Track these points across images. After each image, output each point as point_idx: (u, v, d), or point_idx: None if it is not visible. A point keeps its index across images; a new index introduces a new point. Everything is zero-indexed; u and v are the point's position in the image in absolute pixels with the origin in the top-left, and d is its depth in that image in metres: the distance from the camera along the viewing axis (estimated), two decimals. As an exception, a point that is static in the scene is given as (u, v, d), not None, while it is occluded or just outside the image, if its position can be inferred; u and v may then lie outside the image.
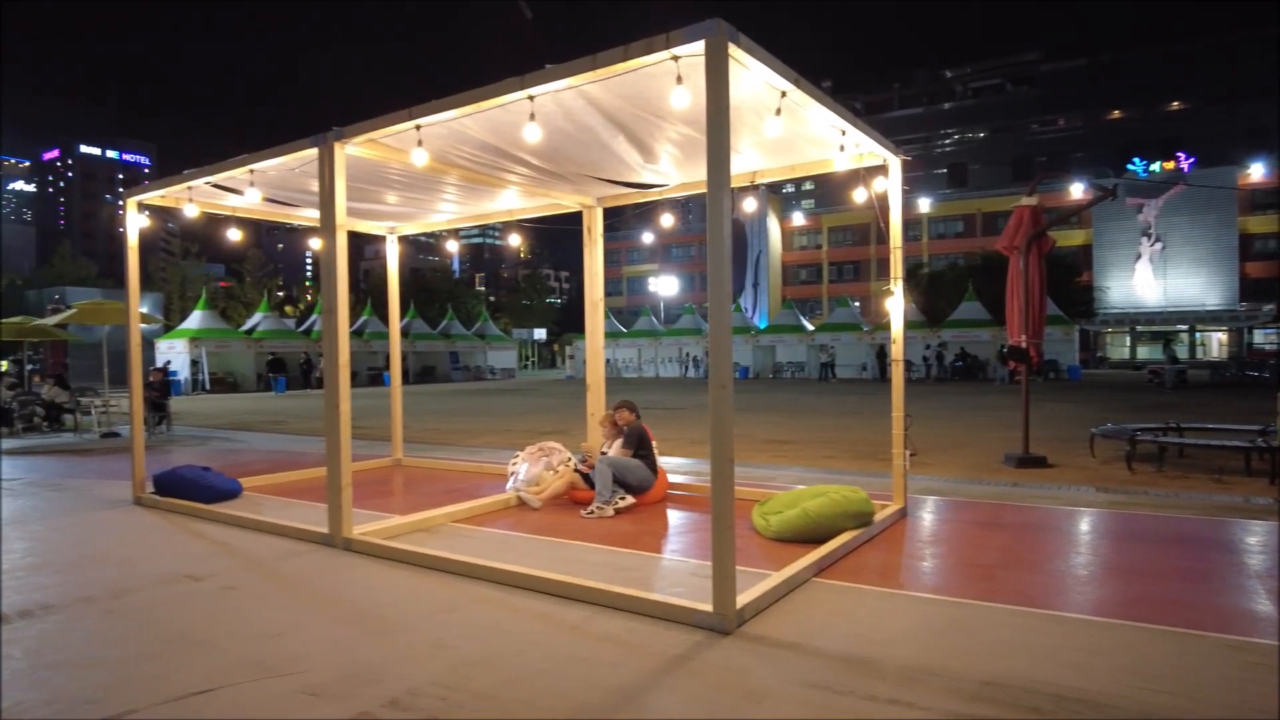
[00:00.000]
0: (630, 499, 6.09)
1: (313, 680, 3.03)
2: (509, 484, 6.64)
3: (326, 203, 5.19)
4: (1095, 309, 48.75)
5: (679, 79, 3.79)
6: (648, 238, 69.57)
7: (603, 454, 6.48)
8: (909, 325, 35.00)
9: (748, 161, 5.96)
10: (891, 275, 5.54)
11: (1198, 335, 50.99)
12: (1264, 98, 56.20)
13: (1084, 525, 5.72)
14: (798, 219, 67.55)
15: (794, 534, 4.96)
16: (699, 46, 3.53)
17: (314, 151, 5.32)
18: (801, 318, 41.61)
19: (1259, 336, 48.64)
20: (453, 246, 13.62)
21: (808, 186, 75.88)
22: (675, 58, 3.71)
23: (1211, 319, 49.50)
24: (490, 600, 4.00)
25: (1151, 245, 51.48)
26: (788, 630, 3.49)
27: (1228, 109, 59.12)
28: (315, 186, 5.61)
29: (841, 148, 5.05)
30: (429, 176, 6.35)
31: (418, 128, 4.81)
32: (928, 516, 5.98)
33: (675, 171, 6.28)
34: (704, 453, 9.64)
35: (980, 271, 39.57)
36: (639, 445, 6.35)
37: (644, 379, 41.02)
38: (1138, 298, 52.38)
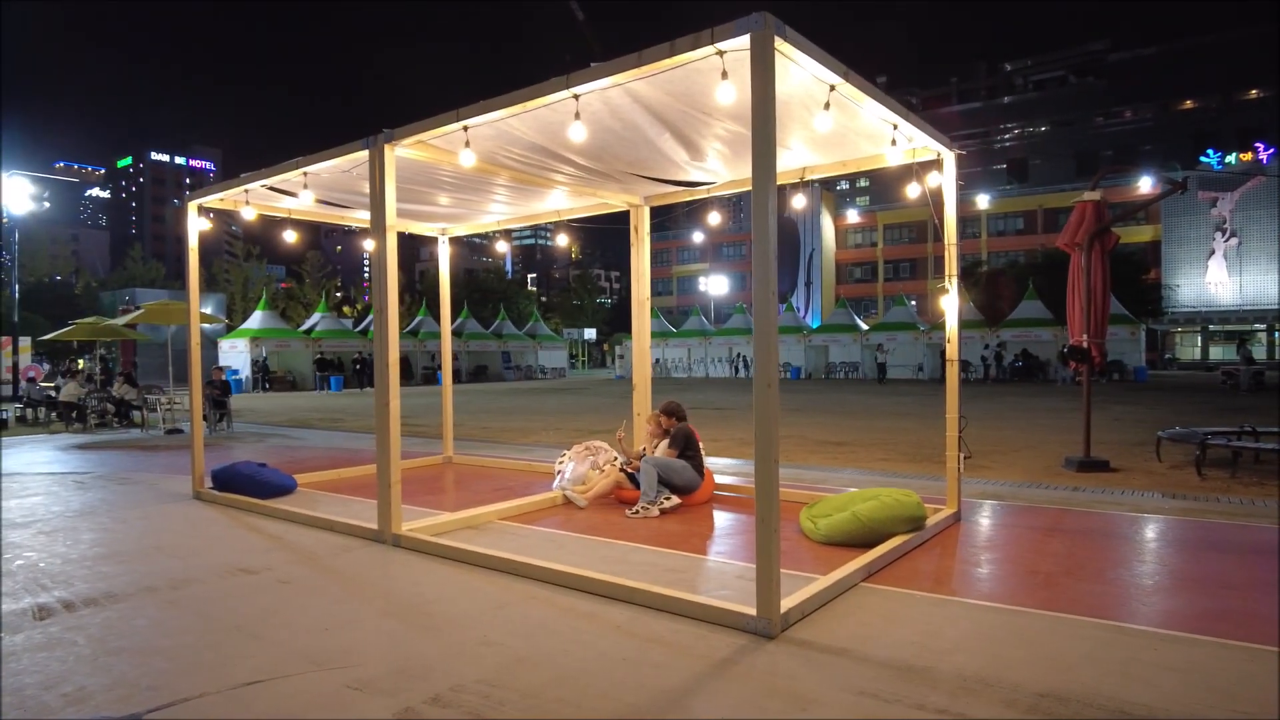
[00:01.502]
0: (675, 499, 6.05)
1: (360, 675, 3.06)
2: (555, 483, 6.67)
3: (377, 204, 5.27)
4: (1163, 308, 46.93)
5: (724, 74, 3.75)
6: (698, 237, 69.34)
7: (643, 453, 6.46)
8: (968, 325, 34.23)
9: (797, 157, 5.87)
10: (946, 272, 5.39)
11: (1277, 335, 48.66)
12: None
13: (1151, 533, 5.48)
14: (852, 216, 66.57)
15: (843, 538, 4.86)
16: (744, 41, 3.48)
17: (365, 154, 5.41)
18: (855, 317, 40.96)
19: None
20: (503, 247, 13.77)
21: (862, 183, 74.73)
22: (721, 53, 3.66)
23: (1293, 318, 47.21)
24: (536, 598, 4.00)
25: (1226, 240, 49.34)
26: (835, 635, 3.42)
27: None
28: (367, 188, 5.71)
29: (894, 142, 4.93)
30: (479, 178, 6.41)
31: (465, 129, 4.85)
32: (983, 521, 5.80)
33: (723, 169, 6.23)
34: (752, 453, 9.55)
35: (1041, 269, 38.47)
36: (685, 446, 6.30)
37: (694, 379, 40.90)
38: (1210, 296, 50.23)
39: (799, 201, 6.22)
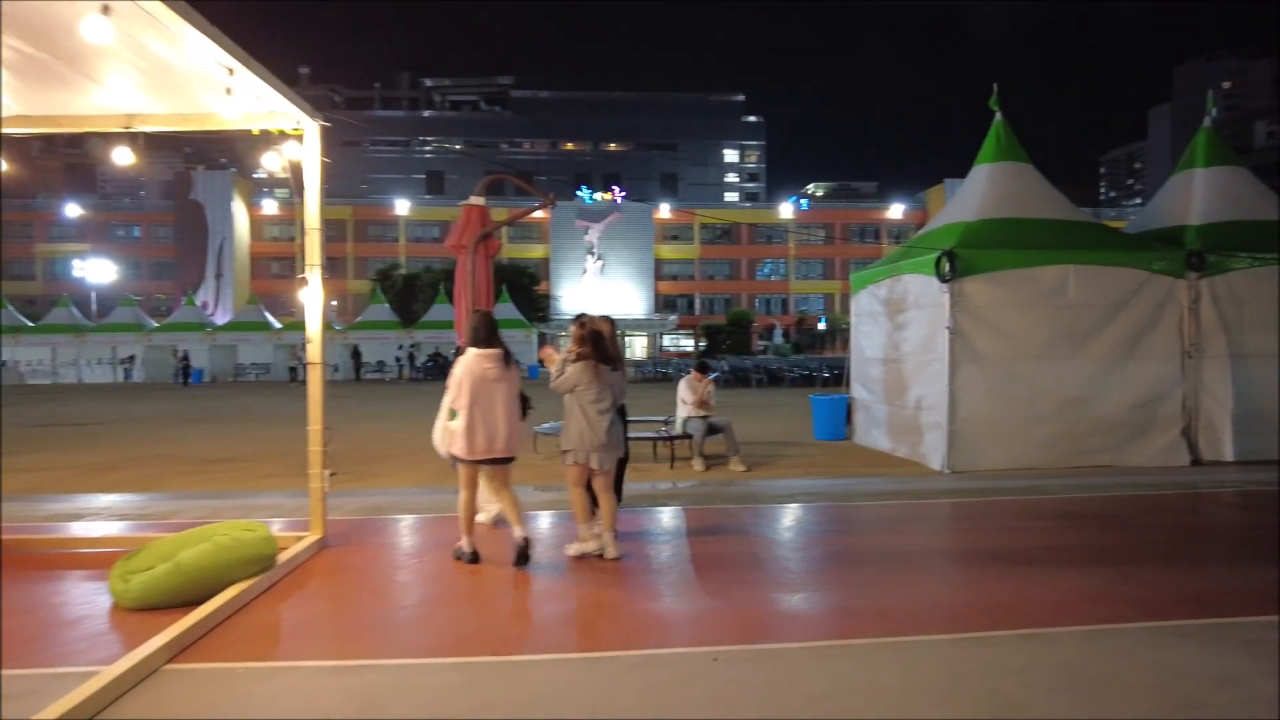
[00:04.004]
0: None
1: None
2: None
3: None
4: (550, 314, 54.86)
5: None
6: (74, 210, 55.85)
7: None
8: (384, 325, 34.56)
9: (118, 98, 4.49)
10: (306, 261, 4.65)
11: (627, 339, 61.03)
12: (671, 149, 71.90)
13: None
14: (271, 208, 61.54)
15: (164, 598, 3.71)
16: None
17: None
18: (268, 314, 37.81)
19: (666, 340, 60.30)
20: None
21: (282, 174, 70.11)
22: None
23: (636, 326, 59.77)
24: None
25: (595, 262, 59.96)
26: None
27: (653, 155, 73.79)
28: None
29: (229, 90, 3.96)
30: None
31: None
32: (351, 545, 5.12)
33: (9, 99, 4.47)
34: (111, 482, 7.55)
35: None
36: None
37: (61, 385, 32.79)
38: (584, 306, 60.57)
39: (120, 156, 4.75)
